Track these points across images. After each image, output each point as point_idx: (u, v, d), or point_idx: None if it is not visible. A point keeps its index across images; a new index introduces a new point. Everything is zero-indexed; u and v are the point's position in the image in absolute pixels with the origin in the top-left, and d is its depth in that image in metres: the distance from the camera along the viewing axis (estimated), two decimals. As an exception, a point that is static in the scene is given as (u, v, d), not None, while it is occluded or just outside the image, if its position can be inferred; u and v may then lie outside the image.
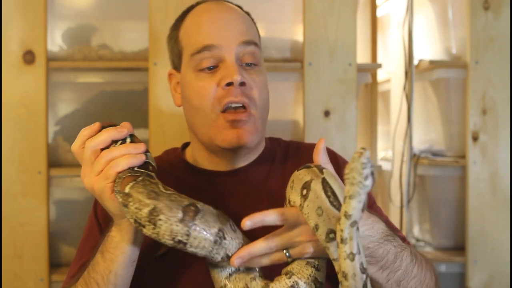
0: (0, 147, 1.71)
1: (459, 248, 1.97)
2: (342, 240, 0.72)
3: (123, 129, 0.87)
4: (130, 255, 0.87)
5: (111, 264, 0.87)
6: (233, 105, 0.98)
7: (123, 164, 0.82)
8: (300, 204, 0.80)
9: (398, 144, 2.14)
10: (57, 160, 1.83)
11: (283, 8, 1.87)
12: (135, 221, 0.78)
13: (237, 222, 0.88)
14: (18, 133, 1.72)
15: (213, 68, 1.00)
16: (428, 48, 2.20)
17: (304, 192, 0.80)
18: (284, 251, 0.81)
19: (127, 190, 0.79)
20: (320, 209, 0.78)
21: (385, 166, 2.34)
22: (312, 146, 1.14)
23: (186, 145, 1.15)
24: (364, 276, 0.72)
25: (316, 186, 0.79)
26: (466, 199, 1.88)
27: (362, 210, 0.71)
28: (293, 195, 0.83)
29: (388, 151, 2.46)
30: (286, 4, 1.86)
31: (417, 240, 2.15)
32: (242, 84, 0.98)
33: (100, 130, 0.86)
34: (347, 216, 0.71)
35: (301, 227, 0.80)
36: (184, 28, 1.05)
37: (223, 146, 0.99)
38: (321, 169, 0.81)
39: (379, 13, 2.33)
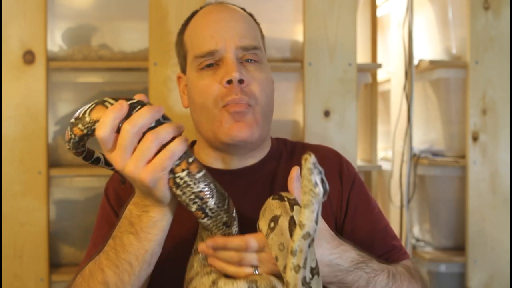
0: (0, 147, 1.71)
1: (459, 248, 1.97)
2: (292, 252, 0.72)
3: (160, 107, 0.77)
4: (166, 231, 0.85)
5: (147, 244, 0.84)
6: (235, 102, 1.00)
7: (179, 152, 0.76)
8: (266, 235, 0.82)
9: (398, 144, 2.14)
10: (57, 160, 1.83)
11: (283, 8, 1.87)
12: None
13: (242, 220, 0.89)
14: (18, 133, 1.72)
15: (212, 65, 1.02)
16: (428, 48, 2.20)
17: (272, 224, 0.82)
18: (253, 268, 0.83)
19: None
20: (282, 245, 0.79)
21: (385, 166, 2.34)
22: (318, 147, 1.15)
23: (193, 143, 1.16)
24: None
25: (283, 224, 0.80)
26: (466, 199, 1.88)
27: (316, 221, 0.71)
28: (262, 222, 0.85)
29: (388, 151, 2.46)
30: (286, 4, 1.86)
31: (417, 240, 2.15)
32: (241, 81, 0.99)
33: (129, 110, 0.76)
34: (300, 226, 0.71)
35: (267, 252, 0.83)
36: (188, 31, 1.09)
37: (226, 141, 1.01)
38: (292, 205, 0.81)
39: (379, 13, 2.33)
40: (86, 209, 1.83)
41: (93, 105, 0.79)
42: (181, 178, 0.78)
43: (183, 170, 0.77)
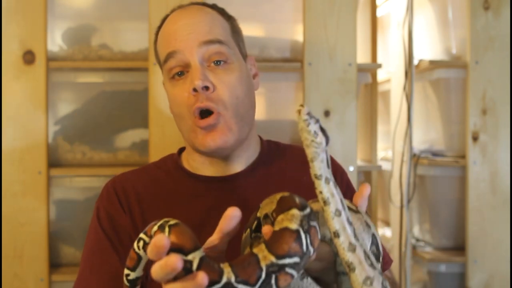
0: (0, 147, 1.71)
1: (459, 248, 1.97)
2: (325, 202, 0.72)
3: (203, 277, 0.62)
4: None
5: None
6: (203, 109, 0.98)
7: None
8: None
9: (398, 144, 2.14)
10: (57, 160, 1.83)
11: (283, 8, 1.87)
12: None
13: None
14: (18, 133, 1.72)
15: (182, 74, 1.01)
16: (428, 48, 2.20)
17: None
18: None
19: None
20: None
21: (385, 166, 2.34)
22: None
23: (182, 150, 1.14)
24: (352, 227, 0.73)
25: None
26: (466, 199, 1.88)
27: (328, 166, 0.73)
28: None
29: (388, 151, 2.46)
30: (286, 4, 1.86)
31: (417, 240, 2.15)
32: (206, 88, 0.98)
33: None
34: (317, 177, 0.72)
35: None
36: (157, 41, 1.09)
37: (202, 151, 1.01)
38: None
39: (379, 13, 2.33)
40: (86, 209, 1.83)
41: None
42: None
43: None
